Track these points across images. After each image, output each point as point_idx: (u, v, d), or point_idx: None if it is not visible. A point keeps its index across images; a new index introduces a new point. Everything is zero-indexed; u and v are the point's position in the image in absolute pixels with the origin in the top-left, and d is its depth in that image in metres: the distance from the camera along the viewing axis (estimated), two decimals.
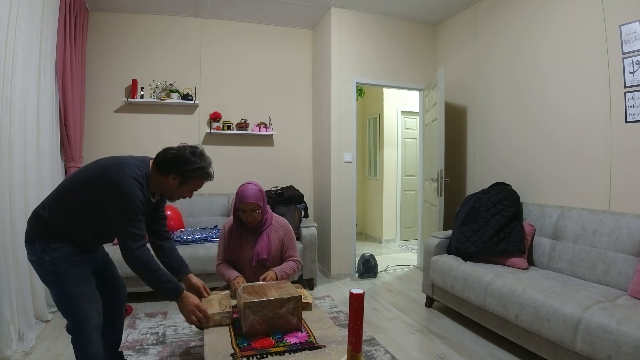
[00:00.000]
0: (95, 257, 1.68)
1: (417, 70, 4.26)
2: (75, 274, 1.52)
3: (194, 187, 1.68)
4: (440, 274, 2.82)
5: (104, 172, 1.50)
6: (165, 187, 1.65)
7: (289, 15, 4.09)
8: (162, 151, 1.63)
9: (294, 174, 4.42)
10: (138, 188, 1.50)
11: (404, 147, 5.68)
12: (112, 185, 1.47)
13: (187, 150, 1.62)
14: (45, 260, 1.49)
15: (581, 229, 2.45)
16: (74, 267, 1.52)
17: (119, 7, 3.78)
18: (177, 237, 3.35)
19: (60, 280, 1.50)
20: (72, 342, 1.54)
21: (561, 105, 2.83)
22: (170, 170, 1.59)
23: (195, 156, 1.62)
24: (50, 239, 1.50)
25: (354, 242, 4.04)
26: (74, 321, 1.52)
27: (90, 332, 1.52)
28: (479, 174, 3.68)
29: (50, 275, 1.51)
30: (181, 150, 1.62)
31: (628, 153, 2.38)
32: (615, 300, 1.98)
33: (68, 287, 1.50)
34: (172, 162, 1.59)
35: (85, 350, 1.52)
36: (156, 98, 3.87)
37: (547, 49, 2.94)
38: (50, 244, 1.49)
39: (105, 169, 1.51)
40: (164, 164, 1.59)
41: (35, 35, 2.62)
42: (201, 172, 1.64)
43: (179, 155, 1.60)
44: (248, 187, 2.06)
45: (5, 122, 2.24)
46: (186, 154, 1.60)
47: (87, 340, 1.52)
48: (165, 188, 1.65)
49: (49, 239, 1.50)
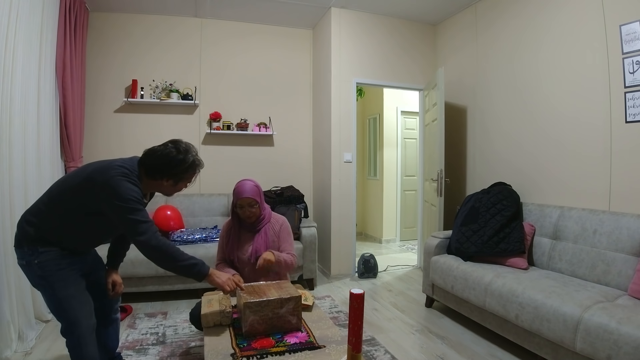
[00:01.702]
0: (85, 259, 1.65)
1: (417, 70, 4.26)
2: (63, 277, 1.51)
3: (189, 180, 1.67)
4: (440, 274, 2.82)
5: (92, 178, 1.48)
6: (160, 189, 1.65)
7: (289, 15, 4.09)
8: (145, 156, 1.59)
9: (294, 174, 4.42)
10: (129, 182, 1.48)
11: (404, 147, 5.68)
12: (103, 189, 1.45)
13: (172, 149, 1.58)
14: (34, 264, 1.48)
15: (581, 229, 2.45)
16: (62, 270, 1.51)
17: (119, 7, 3.78)
18: (177, 237, 3.34)
19: (48, 284, 1.49)
20: (66, 346, 1.54)
21: (561, 105, 2.83)
22: (162, 176, 1.58)
23: (182, 153, 1.59)
24: (38, 243, 1.49)
25: (354, 242, 4.04)
26: (66, 323, 1.52)
27: (83, 335, 1.51)
28: (479, 174, 3.68)
29: (39, 279, 1.50)
30: (166, 152, 1.58)
31: (628, 153, 2.38)
32: (615, 300, 1.98)
33: (57, 290, 1.49)
34: (161, 167, 1.57)
35: (79, 352, 1.52)
36: (156, 98, 3.87)
37: (547, 48, 2.94)
38: (38, 247, 1.48)
39: (92, 175, 1.49)
40: (154, 171, 1.58)
41: (35, 35, 2.62)
42: (193, 167, 1.63)
43: (166, 157, 1.57)
44: (244, 182, 2.07)
45: (5, 122, 2.24)
46: (172, 155, 1.57)
47: (81, 342, 1.51)
48: (160, 189, 1.66)
49: (37, 243, 1.49)
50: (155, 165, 1.57)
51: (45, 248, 1.49)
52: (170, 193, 1.69)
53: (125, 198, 1.45)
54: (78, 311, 1.51)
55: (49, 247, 1.50)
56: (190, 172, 1.63)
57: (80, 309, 1.52)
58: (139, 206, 1.48)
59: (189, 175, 1.64)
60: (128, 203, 1.45)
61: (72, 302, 1.51)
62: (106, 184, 1.45)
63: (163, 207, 3.59)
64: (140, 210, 1.49)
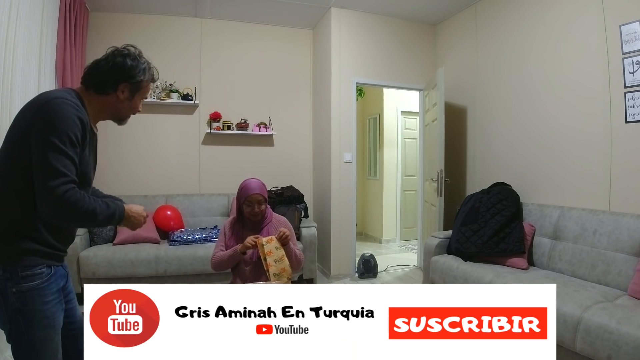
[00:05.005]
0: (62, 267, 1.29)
1: (417, 70, 4.26)
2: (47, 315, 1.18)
3: (145, 94, 1.37)
4: (440, 274, 2.82)
5: (24, 111, 1.16)
6: (114, 106, 1.31)
7: (289, 15, 4.09)
8: (90, 68, 1.28)
9: (294, 174, 4.41)
10: (72, 107, 1.14)
11: (404, 147, 5.68)
12: (35, 116, 1.11)
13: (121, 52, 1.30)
14: (10, 294, 1.12)
15: (581, 229, 2.45)
16: (48, 304, 1.18)
17: (119, 7, 3.78)
18: (177, 237, 3.34)
19: (25, 319, 1.14)
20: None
21: (561, 105, 2.83)
22: (117, 82, 1.27)
23: (132, 54, 1.31)
24: (18, 258, 1.13)
25: (354, 242, 4.03)
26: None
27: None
28: (479, 174, 3.68)
29: (14, 313, 1.13)
30: (116, 55, 1.28)
31: (628, 153, 2.38)
32: (615, 300, 1.98)
33: (32, 330, 1.15)
34: (116, 72, 1.26)
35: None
36: (156, 98, 3.87)
37: (547, 48, 2.94)
38: (18, 271, 1.12)
39: (25, 108, 1.17)
40: (105, 81, 1.26)
41: (35, 35, 2.62)
42: (150, 70, 1.34)
43: (118, 60, 1.27)
44: (251, 180, 2.08)
45: (5, 122, 2.24)
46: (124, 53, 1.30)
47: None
48: (115, 107, 1.31)
49: (17, 259, 1.12)
50: (108, 71, 1.25)
51: (28, 270, 1.14)
52: (125, 112, 1.35)
53: (57, 128, 1.09)
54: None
55: (33, 259, 1.15)
56: (148, 77, 1.34)
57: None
58: (67, 148, 1.10)
59: (147, 81, 1.34)
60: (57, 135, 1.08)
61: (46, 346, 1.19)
62: (41, 109, 1.11)
63: (163, 207, 3.59)
64: (68, 157, 1.10)
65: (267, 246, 1.87)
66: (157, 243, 3.31)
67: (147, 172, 3.94)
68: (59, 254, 1.25)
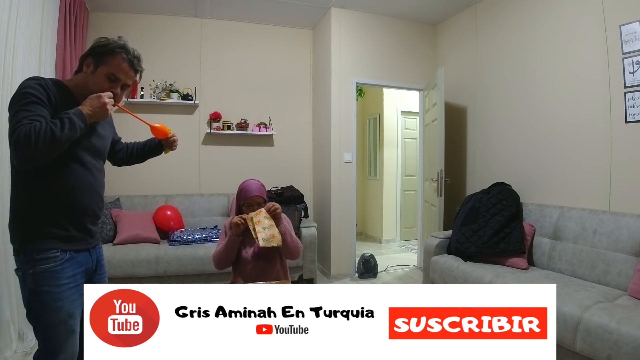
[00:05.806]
0: (89, 254, 1.37)
1: (417, 70, 4.26)
2: (60, 298, 1.23)
3: (111, 70, 1.31)
4: (440, 274, 2.82)
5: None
6: (84, 82, 1.32)
7: (289, 15, 4.09)
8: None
9: (294, 174, 4.41)
10: (31, 80, 1.22)
11: (404, 147, 5.68)
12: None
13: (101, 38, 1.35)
14: (28, 275, 1.22)
15: (581, 229, 2.45)
16: (61, 286, 1.24)
17: (119, 7, 3.78)
18: (177, 237, 3.34)
19: (40, 300, 1.23)
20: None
21: (561, 105, 2.83)
22: (84, 58, 1.33)
23: (111, 39, 1.34)
24: (33, 243, 1.23)
25: (354, 242, 4.03)
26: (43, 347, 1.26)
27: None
28: (479, 174, 3.68)
29: (30, 294, 1.23)
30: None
31: (628, 153, 2.38)
32: (615, 300, 1.98)
33: (46, 312, 1.22)
34: (87, 51, 1.33)
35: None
36: (156, 98, 3.87)
37: (547, 48, 2.94)
38: (34, 254, 1.22)
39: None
40: (80, 60, 1.35)
41: (35, 35, 2.62)
42: (116, 44, 1.32)
43: (94, 43, 1.34)
44: (251, 182, 2.08)
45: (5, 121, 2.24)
46: (100, 40, 1.34)
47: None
48: (84, 84, 1.32)
49: (32, 244, 1.23)
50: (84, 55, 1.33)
51: (42, 254, 1.22)
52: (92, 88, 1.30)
53: (13, 99, 1.19)
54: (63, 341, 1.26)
55: (48, 243, 1.23)
56: (111, 49, 1.31)
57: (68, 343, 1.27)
58: (26, 107, 1.16)
59: (110, 54, 1.30)
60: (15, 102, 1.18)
61: (60, 328, 1.25)
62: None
63: (163, 207, 3.59)
64: (33, 103, 1.17)
65: (256, 217, 1.88)
66: (157, 243, 3.31)
67: (147, 172, 3.94)
68: (76, 235, 1.30)
